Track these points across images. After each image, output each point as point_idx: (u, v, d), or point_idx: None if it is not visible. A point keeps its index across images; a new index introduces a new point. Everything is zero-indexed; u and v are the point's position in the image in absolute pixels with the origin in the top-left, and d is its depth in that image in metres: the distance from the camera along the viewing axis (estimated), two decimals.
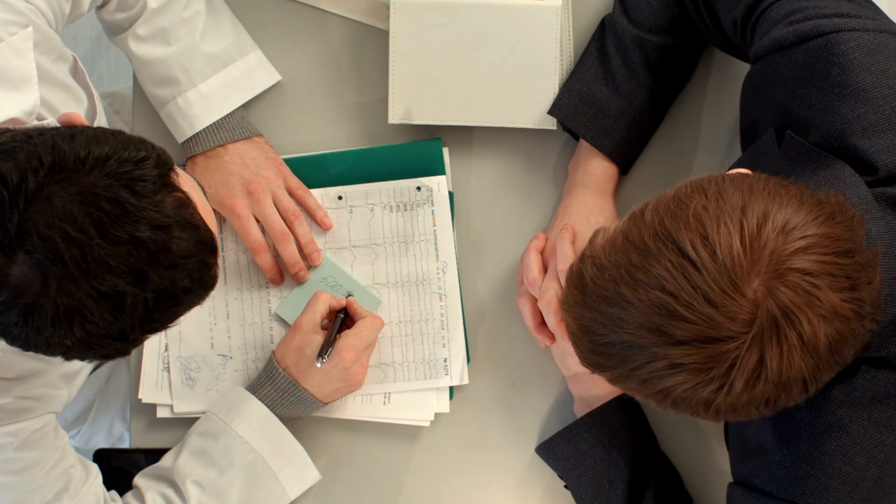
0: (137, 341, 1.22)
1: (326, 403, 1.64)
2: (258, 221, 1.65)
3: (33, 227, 1.13)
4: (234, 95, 1.66)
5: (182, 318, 1.24)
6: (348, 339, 1.61)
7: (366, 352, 1.63)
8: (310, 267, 1.68)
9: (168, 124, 1.66)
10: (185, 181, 1.23)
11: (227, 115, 1.65)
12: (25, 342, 1.18)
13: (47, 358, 1.24)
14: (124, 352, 1.22)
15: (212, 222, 1.25)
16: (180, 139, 1.65)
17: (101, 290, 1.15)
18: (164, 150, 1.24)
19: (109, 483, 1.65)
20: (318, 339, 1.60)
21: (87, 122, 1.27)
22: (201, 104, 1.64)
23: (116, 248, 1.14)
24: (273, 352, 1.63)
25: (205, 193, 1.30)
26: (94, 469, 1.59)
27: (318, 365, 1.58)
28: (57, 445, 1.50)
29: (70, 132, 1.18)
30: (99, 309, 1.15)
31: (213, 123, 1.64)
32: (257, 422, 1.61)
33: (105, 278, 1.14)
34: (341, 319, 1.64)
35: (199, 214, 1.22)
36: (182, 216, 1.19)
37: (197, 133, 1.64)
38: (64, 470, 1.51)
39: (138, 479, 1.62)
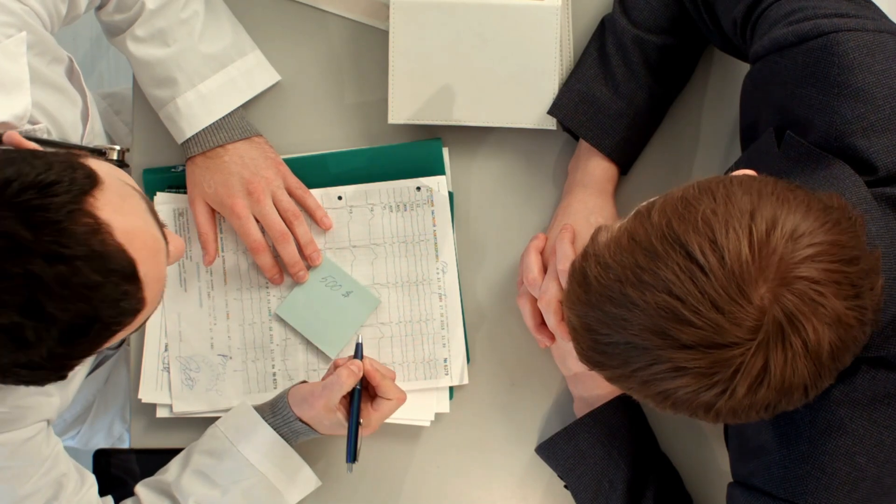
0: (65, 367, 1.19)
1: None
2: (258, 221, 1.65)
3: None
4: (233, 96, 1.66)
5: (113, 341, 1.22)
6: (371, 421, 1.58)
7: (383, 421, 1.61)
8: (310, 267, 1.68)
9: (167, 125, 1.66)
10: (109, 203, 1.19)
11: (226, 115, 1.64)
12: None
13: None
14: (58, 377, 1.20)
15: (143, 245, 1.20)
16: (180, 140, 1.65)
17: None
18: (90, 172, 1.19)
19: (109, 484, 1.65)
20: (339, 417, 1.57)
21: (25, 145, 1.25)
22: (200, 105, 1.63)
23: (8, 282, 1.12)
24: (289, 400, 1.60)
25: (155, 217, 1.26)
26: (91, 479, 1.58)
27: (349, 472, 1.56)
28: (48, 454, 1.49)
29: None
30: (1, 342, 1.14)
31: (213, 124, 1.64)
32: (265, 446, 1.60)
33: (0, 312, 1.13)
34: (358, 401, 1.58)
35: (115, 241, 1.17)
36: (89, 245, 1.15)
37: (196, 133, 1.64)
38: (55, 478, 1.51)
39: (139, 489, 1.62)
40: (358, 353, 1.60)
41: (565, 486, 1.65)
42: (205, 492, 1.59)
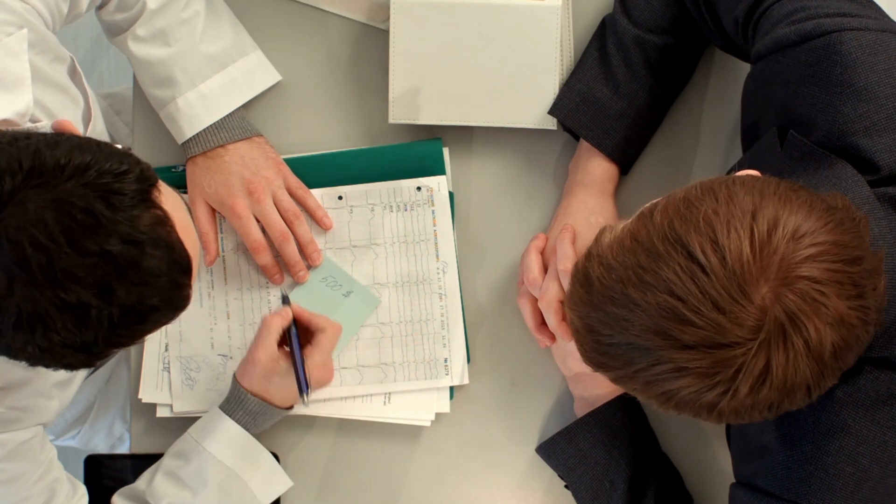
0: (102, 354, 1.20)
1: (292, 407, 1.64)
2: (258, 221, 1.65)
3: (3, 229, 1.12)
4: (233, 96, 1.66)
5: (149, 336, 1.23)
6: (314, 357, 1.59)
7: (329, 359, 1.62)
8: (310, 267, 1.68)
9: (168, 125, 1.65)
10: (167, 200, 1.22)
11: (226, 115, 1.64)
12: None
13: (37, 368, 1.24)
14: (88, 363, 1.21)
15: (192, 243, 1.24)
16: (180, 140, 1.65)
17: (65, 300, 1.14)
18: (150, 166, 1.22)
19: (104, 491, 1.65)
20: (283, 364, 1.58)
21: (78, 132, 1.26)
22: (201, 105, 1.63)
23: (84, 258, 1.13)
24: (236, 377, 1.61)
25: (190, 213, 1.29)
26: (82, 489, 1.58)
27: (305, 404, 1.57)
28: (43, 459, 1.49)
29: (55, 139, 1.18)
30: (62, 319, 1.15)
31: (213, 124, 1.63)
32: (230, 440, 1.60)
33: (70, 288, 1.13)
34: (296, 336, 1.60)
35: (177, 234, 1.21)
36: (157, 234, 1.18)
37: (197, 133, 1.63)
38: (48, 484, 1.51)
39: (116, 499, 1.62)
40: (284, 302, 1.62)
41: (566, 486, 1.65)
42: (176, 492, 1.60)
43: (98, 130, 1.63)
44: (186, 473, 1.60)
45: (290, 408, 1.63)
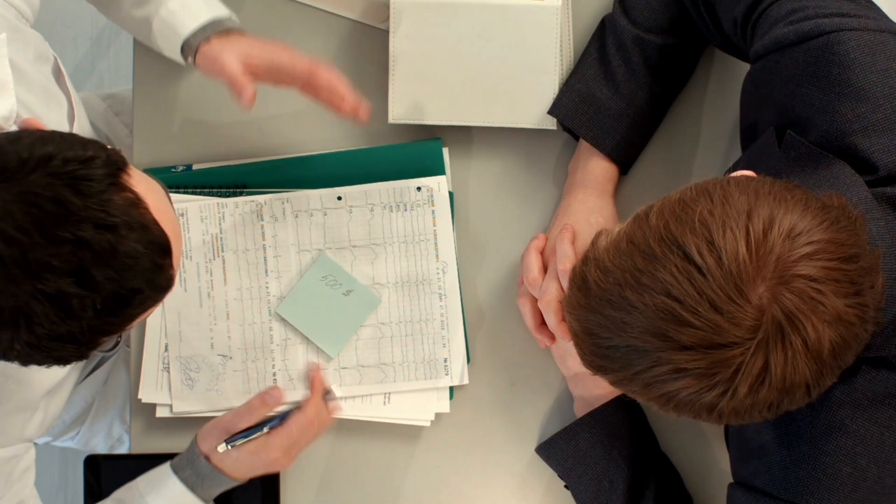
0: (92, 344, 1.20)
1: (245, 481, 1.60)
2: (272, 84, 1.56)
3: None
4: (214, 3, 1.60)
5: (137, 321, 1.22)
6: (276, 438, 1.56)
7: (295, 447, 1.58)
8: (311, 262, 1.68)
9: (161, 44, 1.59)
10: (139, 182, 1.21)
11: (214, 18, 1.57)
12: None
13: (23, 379, 1.22)
14: (79, 355, 1.20)
15: (170, 224, 1.23)
16: (179, 41, 1.57)
17: (45, 291, 1.13)
18: (118, 151, 1.22)
19: (104, 491, 1.65)
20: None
21: (44, 127, 1.26)
22: (184, 11, 1.56)
23: (59, 248, 1.13)
24: (196, 434, 1.58)
25: (168, 195, 1.28)
26: None
27: (220, 449, 1.54)
28: (14, 480, 1.47)
29: (17, 135, 1.17)
30: (45, 311, 1.14)
31: (209, 20, 1.57)
32: (174, 500, 1.56)
33: (48, 279, 1.13)
34: (280, 417, 1.59)
35: (151, 215, 1.20)
36: (131, 216, 1.17)
37: (195, 31, 1.56)
38: None
39: None
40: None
41: (565, 486, 1.65)
42: None
43: (84, 131, 1.62)
44: None
45: (238, 481, 1.58)
